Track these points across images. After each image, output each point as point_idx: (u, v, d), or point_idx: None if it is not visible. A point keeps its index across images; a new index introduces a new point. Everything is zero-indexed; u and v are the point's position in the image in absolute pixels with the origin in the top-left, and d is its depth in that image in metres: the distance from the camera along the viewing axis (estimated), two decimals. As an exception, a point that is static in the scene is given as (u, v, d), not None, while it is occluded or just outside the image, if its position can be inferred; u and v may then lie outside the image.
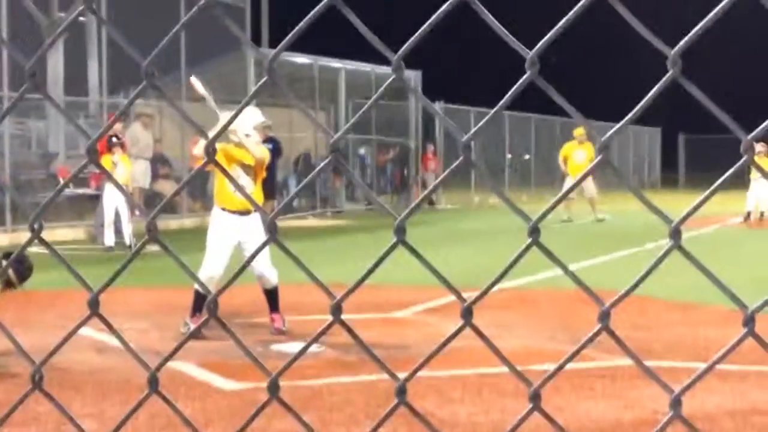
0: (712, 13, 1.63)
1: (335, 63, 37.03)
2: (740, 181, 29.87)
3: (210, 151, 1.82)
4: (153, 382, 1.86)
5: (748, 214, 29.87)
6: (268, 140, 28.12)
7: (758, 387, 8.85)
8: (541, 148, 51.93)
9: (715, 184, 1.67)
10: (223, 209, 11.16)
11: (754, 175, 29.10)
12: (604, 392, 8.62)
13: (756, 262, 18.08)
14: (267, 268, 11.01)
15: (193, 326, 11.03)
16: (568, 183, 29.64)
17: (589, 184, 29.63)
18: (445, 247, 21.12)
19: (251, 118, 11.34)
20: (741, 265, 17.05)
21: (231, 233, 11.00)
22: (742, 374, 9.09)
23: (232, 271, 1.96)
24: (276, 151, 28.21)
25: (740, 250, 21.25)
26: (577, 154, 30.15)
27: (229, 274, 11.09)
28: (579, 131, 31.08)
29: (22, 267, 9.25)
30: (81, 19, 26.59)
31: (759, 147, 28.99)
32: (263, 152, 11.38)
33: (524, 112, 50.42)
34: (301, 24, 1.74)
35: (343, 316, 1.85)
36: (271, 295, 11.29)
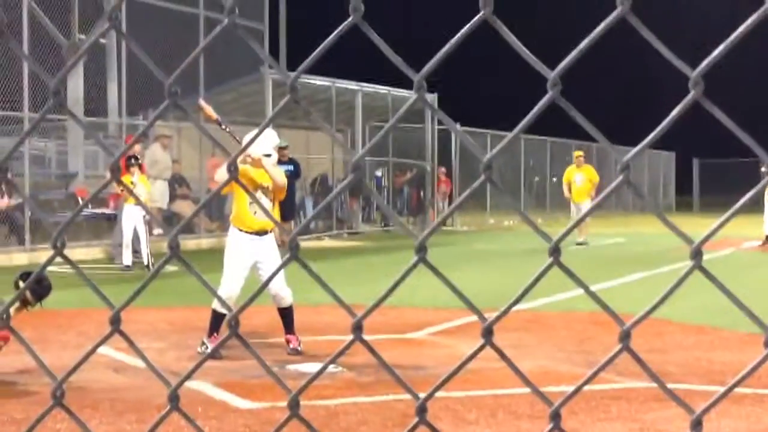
0: (733, 35, 1.63)
1: (352, 85, 37.12)
2: (756, 207, 29.81)
3: (232, 169, 1.83)
4: (174, 399, 1.87)
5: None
6: (288, 161, 28.33)
7: (775, 411, 8.81)
8: (556, 170, 51.82)
9: (738, 204, 1.67)
10: (240, 230, 11.19)
11: None
12: (620, 414, 8.59)
13: (773, 286, 18.02)
14: (281, 287, 11.02)
15: (211, 346, 11.05)
16: (573, 208, 29.50)
17: (586, 206, 29.24)
18: (461, 269, 21.11)
19: (270, 139, 11.38)
20: (756, 288, 16.99)
21: (247, 254, 11.02)
22: (758, 398, 9.06)
23: (248, 291, 1.97)
24: (295, 172, 28.32)
25: (755, 273, 21.17)
26: (577, 178, 30.02)
27: (245, 294, 11.10)
28: (577, 153, 31.05)
29: (40, 287, 9.26)
30: (102, 41, 26.69)
31: (765, 168, 29.02)
32: (282, 175, 11.40)
33: (540, 135, 50.48)
34: (326, 42, 1.76)
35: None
36: (286, 316, 11.29)
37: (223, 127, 11.83)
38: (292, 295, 11.17)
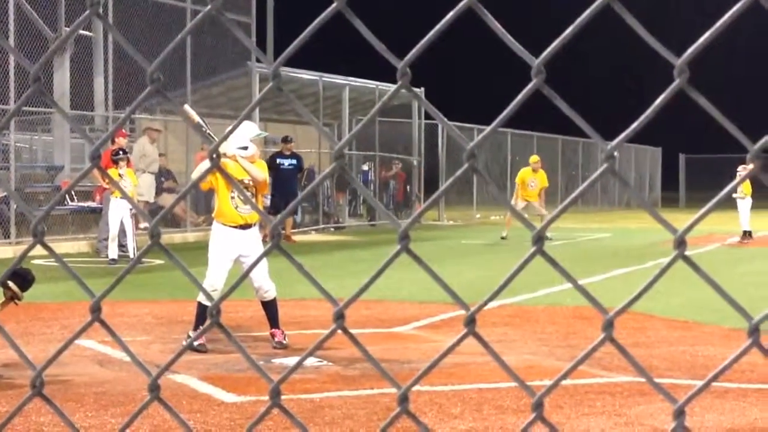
0: (719, 23, 1.63)
1: (340, 80, 37.12)
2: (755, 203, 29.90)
3: (213, 156, 1.82)
4: (154, 389, 1.86)
5: (747, 233, 29.73)
6: (290, 155, 28.31)
7: (758, 405, 8.83)
8: (543, 165, 51.99)
9: (721, 194, 1.67)
10: (223, 224, 11.15)
11: (740, 194, 28.99)
12: (604, 409, 8.60)
13: (754, 282, 18.05)
14: (265, 280, 11.00)
15: (197, 341, 11.03)
16: (519, 205, 29.61)
17: (536, 204, 29.88)
18: (447, 263, 21.12)
19: (247, 130, 11.30)
20: (740, 282, 17.02)
21: (231, 247, 10.99)
22: (742, 392, 9.09)
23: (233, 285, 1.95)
24: (298, 166, 28.32)
25: (739, 268, 21.22)
26: (531, 182, 30.33)
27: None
28: (534, 159, 31.47)
29: (24, 280, 9.22)
30: (88, 33, 26.61)
31: (741, 168, 29.06)
32: (259, 170, 11.29)
33: (526, 130, 50.56)
34: (309, 29, 1.74)
35: (346, 326, 1.84)
36: (270, 310, 11.26)
37: (204, 129, 11.80)
38: (275, 289, 11.14)
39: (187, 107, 11.84)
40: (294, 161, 28.40)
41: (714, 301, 13.62)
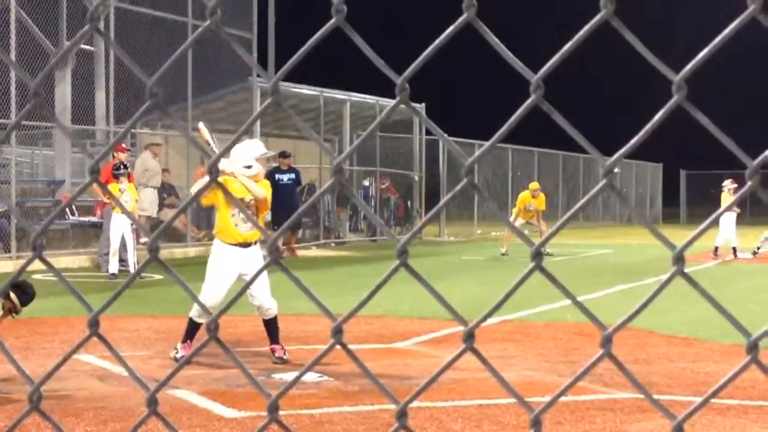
0: (716, 40, 1.63)
1: (340, 95, 37.17)
2: (740, 219, 29.78)
3: (212, 171, 1.82)
4: (152, 403, 1.85)
5: (716, 249, 29.19)
6: (288, 170, 28.31)
7: (758, 422, 8.82)
8: (544, 182, 51.99)
9: (720, 211, 1.67)
10: (223, 242, 11.14)
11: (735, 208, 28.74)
12: (605, 425, 8.58)
13: (755, 298, 18.04)
14: (266, 298, 10.99)
15: (182, 352, 11.04)
16: (518, 222, 29.72)
17: (534, 222, 30.44)
18: (448, 279, 21.12)
19: (253, 149, 11.32)
20: (737, 299, 17.02)
21: (232, 265, 10.97)
22: (743, 408, 9.08)
23: (237, 303, 1.94)
24: (296, 180, 28.34)
25: (738, 285, 21.20)
26: (529, 206, 30.67)
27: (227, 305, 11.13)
28: (533, 185, 31.77)
29: (25, 294, 9.22)
30: (90, 48, 26.64)
31: (728, 183, 28.96)
32: (262, 190, 11.28)
33: (527, 146, 50.62)
34: (308, 44, 1.74)
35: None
36: (271, 327, 11.25)
37: (211, 147, 11.80)
38: (277, 307, 11.13)
39: (202, 125, 11.84)
40: (292, 175, 28.42)
41: (715, 317, 13.52)
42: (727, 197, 28.59)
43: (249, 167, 11.19)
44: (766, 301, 17.59)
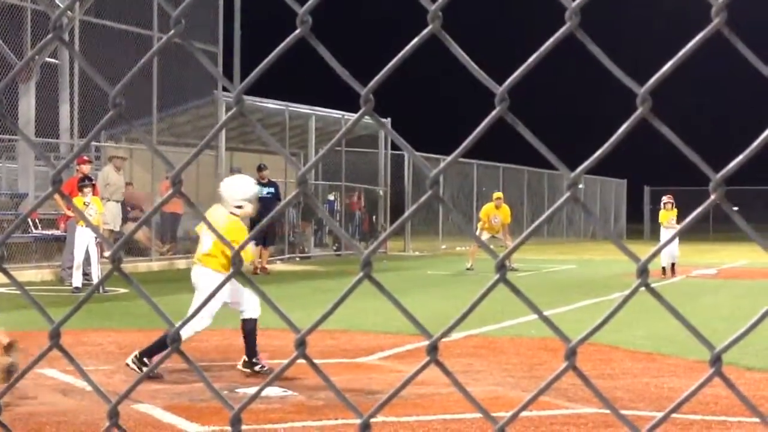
0: (681, 52, 1.63)
1: (306, 109, 37.19)
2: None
3: (176, 182, 1.81)
4: (113, 416, 1.84)
5: (664, 269, 28.17)
6: (268, 183, 28.20)
7: (723, 437, 8.85)
8: (509, 196, 52.19)
9: (684, 223, 1.67)
10: (214, 271, 10.94)
11: (665, 224, 28.61)
12: (570, 441, 8.60)
13: (718, 315, 18.13)
14: (247, 302, 10.98)
15: (144, 362, 10.86)
16: (484, 236, 29.72)
17: (499, 236, 30.71)
18: (412, 293, 21.12)
19: (244, 189, 11.27)
20: (704, 315, 17.12)
21: (223, 294, 10.87)
22: (706, 424, 9.11)
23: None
24: (276, 195, 28.20)
25: (704, 300, 21.32)
26: (494, 219, 30.82)
27: (217, 319, 11.09)
28: (497, 195, 31.93)
29: None
30: (54, 61, 26.49)
31: (666, 198, 29.05)
32: (247, 251, 11.23)
33: (492, 161, 50.79)
34: (272, 54, 1.74)
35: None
36: (249, 335, 11.19)
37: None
38: (256, 312, 11.10)
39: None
40: (272, 189, 28.28)
41: (678, 332, 13.50)
42: (667, 214, 28.67)
43: (239, 207, 11.13)
44: (729, 316, 17.67)
